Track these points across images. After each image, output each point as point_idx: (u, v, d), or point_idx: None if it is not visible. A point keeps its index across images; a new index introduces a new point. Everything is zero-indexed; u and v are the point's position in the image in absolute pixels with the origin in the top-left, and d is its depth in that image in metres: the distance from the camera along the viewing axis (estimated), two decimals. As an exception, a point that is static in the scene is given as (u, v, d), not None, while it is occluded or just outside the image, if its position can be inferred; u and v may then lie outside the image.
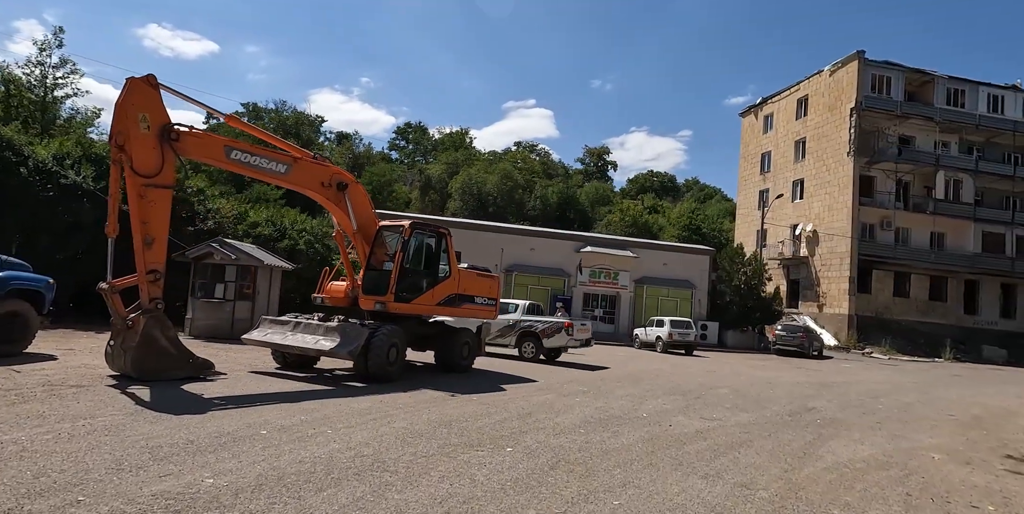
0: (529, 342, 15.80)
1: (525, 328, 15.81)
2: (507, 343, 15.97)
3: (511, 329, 15.86)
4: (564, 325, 15.81)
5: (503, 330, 15.81)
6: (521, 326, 15.84)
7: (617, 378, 13.58)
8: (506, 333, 15.87)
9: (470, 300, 12.06)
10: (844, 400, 13.04)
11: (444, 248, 11.47)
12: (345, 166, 62.01)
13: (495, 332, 15.68)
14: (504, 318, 15.62)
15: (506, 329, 15.84)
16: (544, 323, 15.94)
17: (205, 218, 18.42)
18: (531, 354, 15.77)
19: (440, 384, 10.33)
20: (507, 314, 15.90)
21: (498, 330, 15.72)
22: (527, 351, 15.80)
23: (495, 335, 15.73)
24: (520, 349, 15.86)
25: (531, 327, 15.79)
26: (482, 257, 28.77)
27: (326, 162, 10.53)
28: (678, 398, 11.16)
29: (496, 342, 15.93)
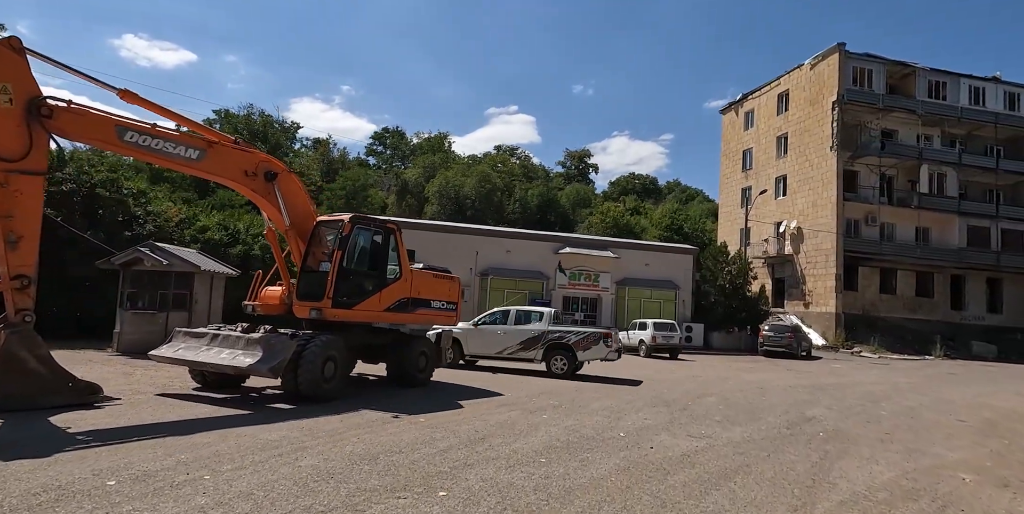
0: (560, 356, 13.91)
1: (554, 339, 13.87)
2: (532, 357, 14.05)
3: (537, 341, 13.94)
4: (603, 335, 13.96)
5: (526, 342, 13.96)
6: (550, 337, 13.90)
7: (594, 388, 12.27)
8: (530, 346, 13.96)
9: (425, 304, 10.70)
10: (843, 406, 11.85)
11: (393, 246, 10.10)
12: (319, 172, 60.43)
13: (515, 345, 13.99)
14: (528, 329, 14.14)
15: (530, 341, 13.97)
16: (579, 333, 14.01)
17: (144, 222, 16.84)
18: (562, 369, 13.86)
19: (387, 402, 8.94)
20: (531, 324, 14.28)
21: (519, 343, 13.98)
22: (557, 366, 13.91)
23: (515, 348, 13.99)
24: (548, 364, 14.00)
25: (562, 338, 13.88)
26: (456, 260, 27.37)
27: (251, 148, 9.13)
28: (661, 410, 9.86)
29: (517, 356, 14.13)
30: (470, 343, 14.41)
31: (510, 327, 14.33)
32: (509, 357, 14.21)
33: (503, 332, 14.27)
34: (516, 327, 14.30)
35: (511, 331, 14.27)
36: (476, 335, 14.44)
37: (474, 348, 14.44)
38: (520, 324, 14.37)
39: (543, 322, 14.32)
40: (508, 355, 14.14)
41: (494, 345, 14.23)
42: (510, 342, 14.15)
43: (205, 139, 8.45)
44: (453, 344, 14.17)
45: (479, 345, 14.39)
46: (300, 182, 9.83)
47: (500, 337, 14.25)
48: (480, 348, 14.42)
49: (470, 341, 14.41)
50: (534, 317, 14.60)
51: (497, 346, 14.20)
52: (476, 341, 14.40)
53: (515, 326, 14.32)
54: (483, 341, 14.37)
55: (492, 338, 14.30)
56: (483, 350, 14.39)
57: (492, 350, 14.23)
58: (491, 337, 14.32)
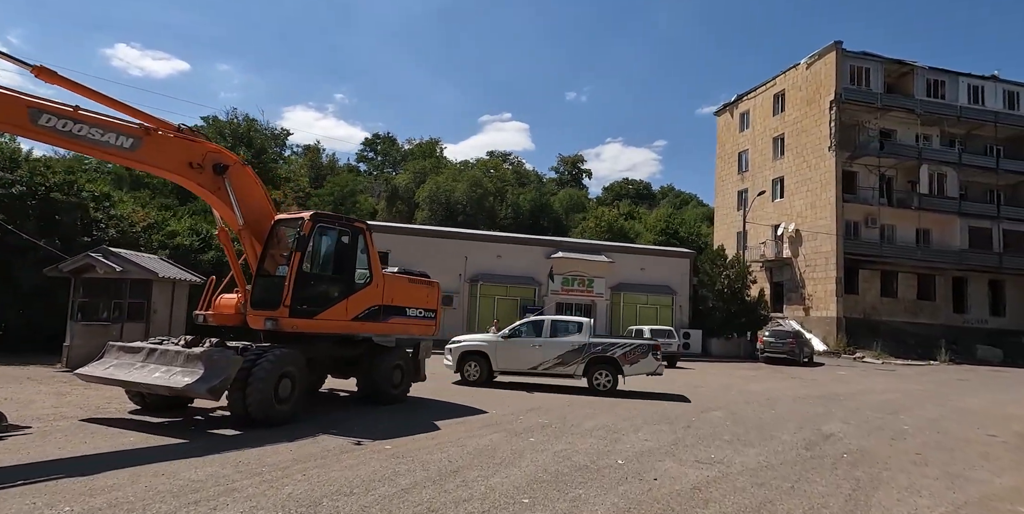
0: (604, 370, 12.68)
1: (597, 353, 12.64)
2: (571, 372, 12.68)
3: (577, 354, 12.61)
4: (651, 347, 12.85)
5: (565, 356, 12.62)
6: (592, 350, 12.63)
7: (588, 403, 11.21)
8: (570, 360, 12.61)
9: (400, 312, 9.63)
10: (860, 419, 10.84)
11: (363, 247, 9.05)
12: (308, 178, 59.31)
13: (552, 359, 12.62)
14: (566, 341, 12.79)
15: (570, 355, 12.61)
16: (624, 345, 12.82)
17: (106, 227, 15.72)
18: (607, 386, 12.61)
19: (352, 425, 7.85)
20: (568, 335, 12.92)
21: (557, 357, 12.62)
22: (601, 382, 12.66)
23: (552, 363, 12.63)
24: (591, 379, 12.74)
25: (606, 351, 12.68)
26: (444, 266, 26.31)
27: (198, 137, 8.07)
28: (663, 429, 8.82)
29: (554, 372, 12.77)
30: (500, 358, 12.88)
31: (546, 339, 12.87)
32: (545, 373, 12.79)
33: (538, 345, 12.79)
34: (553, 339, 12.85)
35: (548, 344, 12.78)
36: (507, 349, 12.91)
37: (504, 363, 12.92)
38: (557, 336, 12.95)
39: (583, 333, 12.90)
40: (544, 371, 12.73)
41: (528, 360, 12.77)
42: (547, 356, 12.67)
43: (141, 125, 7.40)
44: (480, 359, 12.97)
45: (510, 360, 12.89)
46: (255, 176, 8.78)
47: (535, 351, 12.76)
48: (511, 363, 12.91)
49: (500, 356, 12.89)
50: (572, 328, 13.17)
51: (531, 361, 12.74)
52: (507, 356, 12.89)
53: (552, 338, 12.89)
54: (515, 355, 12.87)
55: (525, 352, 12.82)
56: (515, 365, 12.89)
57: (526, 365, 12.79)
58: (524, 351, 12.83)
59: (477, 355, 13.02)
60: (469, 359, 13.05)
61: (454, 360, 13.15)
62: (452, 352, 13.27)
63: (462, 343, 13.36)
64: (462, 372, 13.05)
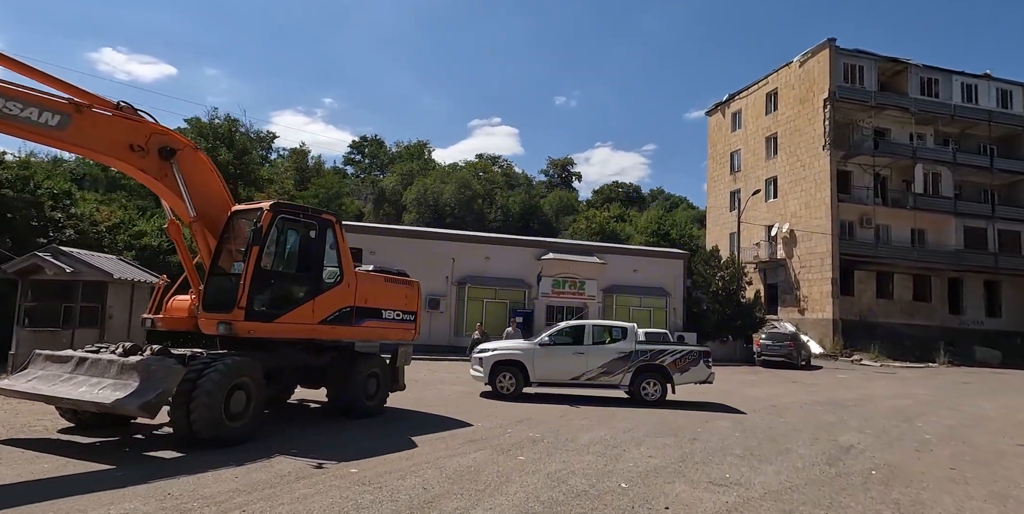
0: (652, 380, 11.76)
1: (645, 360, 11.70)
2: (616, 382, 11.73)
3: (624, 362, 11.65)
4: (702, 353, 12.01)
5: (610, 365, 11.62)
6: (639, 358, 11.69)
7: (583, 413, 10.31)
8: (615, 369, 11.65)
9: (375, 315, 8.69)
10: (877, 428, 10.03)
11: (332, 242, 8.12)
12: (293, 180, 58.15)
13: (596, 368, 11.59)
14: (611, 348, 11.82)
15: (616, 363, 11.65)
16: (675, 352, 11.89)
17: (63, 226, 14.66)
18: (656, 396, 11.67)
19: (316, 443, 6.91)
20: (615, 342, 11.96)
21: (602, 365, 11.61)
22: (650, 392, 11.71)
23: (596, 372, 11.61)
24: (639, 389, 11.73)
25: (655, 358, 11.74)
26: (431, 268, 25.34)
27: (140, 117, 7.12)
28: (667, 443, 7.94)
29: (598, 382, 11.76)
30: (538, 367, 11.69)
31: (589, 346, 11.85)
32: (588, 383, 11.77)
33: (580, 353, 11.74)
34: (597, 346, 11.85)
35: (592, 351, 11.74)
36: (545, 357, 11.73)
37: (543, 373, 11.74)
38: (601, 342, 11.98)
39: (628, 340, 11.93)
40: (587, 381, 11.71)
41: (569, 369, 11.70)
42: (590, 365, 11.63)
43: (71, 101, 6.45)
44: (514, 369, 11.68)
45: (549, 370, 11.75)
46: (210, 162, 7.83)
47: (576, 359, 11.70)
48: (551, 373, 11.77)
49: (537, 365, 11.69)
50: (616, 333, 12.15)
51: (573, 371, 11.68)
52: (545, 365, 11.73)
53: (595, 345, 11.88)
54: (555, 365, 11.76)
55: (566, 361, 11.74)
56: (555, 376, 11.80)
57: (567, 376, 11.72)
58: (565, 360, 11.74)
59: (512, 365, 11.68)
60: (503, 369, 11.67)
61: (485, 371, 11.68)
62: (483, 362, 11.81)
63: (494, 351, 11.96)
64: (494, 384, 11.65)
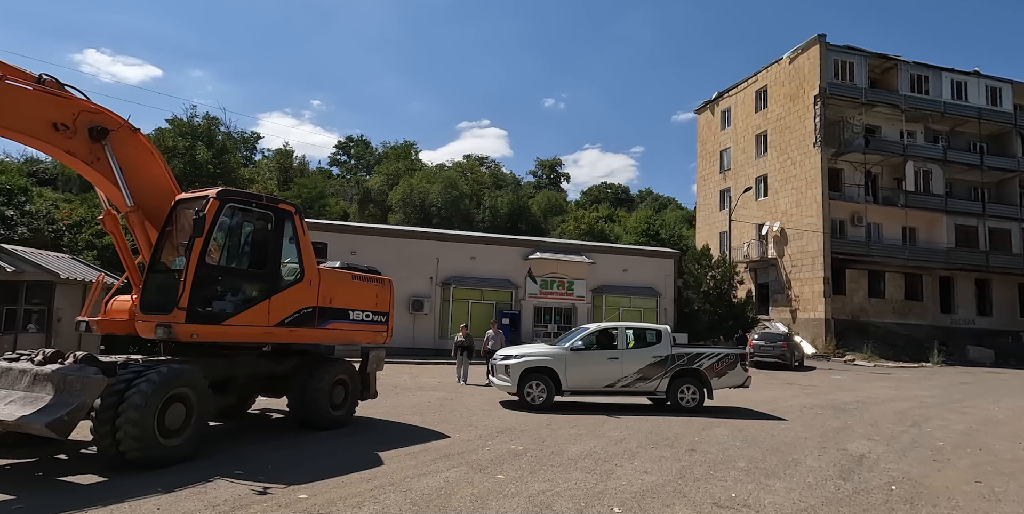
0: (690, 385, 11.10)
1: (682, 365, 11.08)
2: (652, 389, 11.04)
3: (660, 367, 10.99)
4: (739, 356, 11.50)
5: (646, 370, 10.96)
6: (676, 362, 11.06)
7: (571, 422, 9.56)
8: (651, 374, 10.97)
9: (340, 316, 7.88)
10: (886, 435, 9.36)
11: (291, 236, 7.30)
12: (276, 180, 57.02)
13: (632, 374, 10.89)
14: (646, 352, 11.10)
15: (652, 368, 10.98)
16: (712, 356, 11.28)
17: (15, 224, 13.69)
18: (693, 402, 11.05)
19: (268, 461, 6.08)
20: (650, 346, 11.23)
21: (637, 371, 10.93)
22: (686, 398, 11.05)
23: (632, 378, 10.90)
24: (676, 396, 11.05)
25: (692, 363, 11.12)
26: (415, 268, 24.47)
27: (67, 92, 6.27)
28: (663, 455, 7.20)
29: (634, 389, 11.05)
30: (570, 374, 10.79)
31: (623, 351, 11.11)
32: (623, 391, 11.03)
33: (615, 358, 11.00)
34: (633, 351, 11.14)
35: (627, 356, 11.01)
36: (577, 363, 10.87)
37: (576, 381, 10.85)
38: (635, 346, 11.23)
39: (663, 343, 11.24)
40: (622, 388, 10.95)
41: (603, 376, 10.92)
42: (626, 371, 10.89)
43: (-20, 71, 5.61)
44: (544, 377, 10.72)
45: (583, 377, 10.88)
46: (150, 145, 7.00)
47: (611, 365, 10.93)
48: (584, 380, 10.90)
49: (570, 372, 10.79)
50: (650, 336, 11.43)
51: (608, 377, 10.91)
52: (578, 372, 10.86)
53: (629, 349, 11.16)
54: (588, 371, 10.91)
55: (600, 367, 10.95)
56: (588, 383, 10.93)
57: (601, 383, 10.93)
58: (599, 366, 10.96)
59: (541, 372, 10.74)
60: (532, 378, 10.71)
61: (514, 379, 10.67)
62: (510, 369, 10.73)
63: (523, 358, 10.87)
64: (522, 394, 10.68)
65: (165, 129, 45.17)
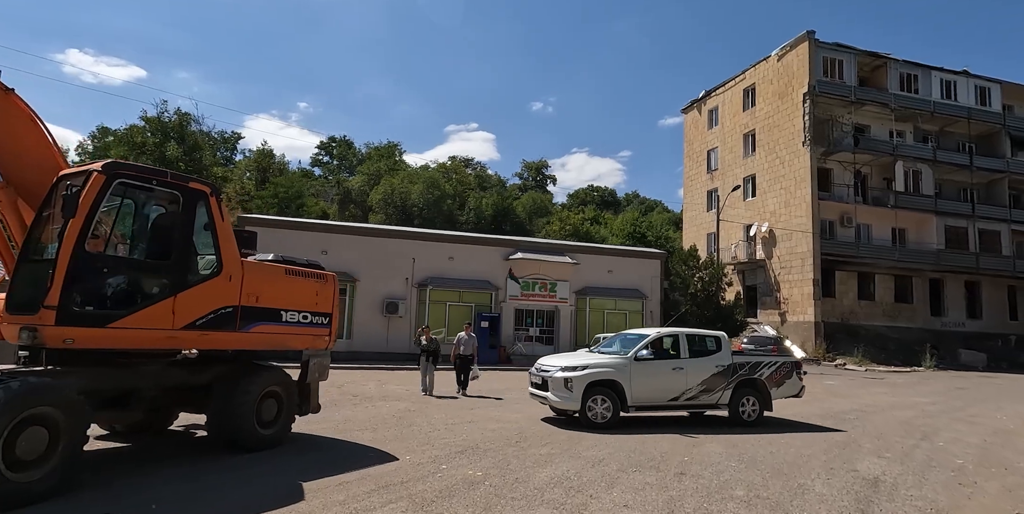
0: (750, 396, 10.17)
1: (744, 375, 10.14)
2: (715, 401, 10.01)
3: (723, 378, 9.99)
4: (795, 364, 10.75)
5: (710, 381, 9.88)
6: (739, 372, 10.12)
7: (544, 435, 8.43)
8: (715, 385, 9.93)
9: (270, 317, 6.69)
10: (896, 451, 8.34)
11: (205, 221, 6.12)
12: (255, 179, 55.42)
13: (696, 386, 9.80)
14: (708, 361, 10.06)
15: (715, 379, 9.95)
16: (770, 364, 10.45)
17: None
18: (753, 415, 10.15)
19: (153, 496, 4.89)
20: (711, 354, 10.17)
21: (701, 382, 9.84)
22: (747, 411, 10.12)
23: (696, 391, 9.82)
24: (738, 408, 10.09)
25: (753, 372, 10.24)
26: (389, 269, 23.18)
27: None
28: (648, 480, 6.10)
29: (698, 402, 9.98)
30: (635, 387, 9.48)
31: (687, 360, 9.98)
32: (686, 404, 9.96)
33: (680, 368, 9.86)
34: (696, 360, 10.05)
35: (690, 366, 9.90)
36: (642, 375, 9.56)
37: (641, 394, 9.54)
38: (696, 356, 10.13)
39: (724, 351, 10.27)
40: (686, 401, 9.87)
41: (668, 388, 9.76)
42: (690, 383, 9.80)
43: None
44: (606, 390, 9.35)
45: (648, 389, 9.61)
46: (30, 111, 5.80)
47: (675, 376, 9.78)
48: (649, 394, 9.64)
49: (635, 384, 9.47)
50: (710, 343, 10.38)
51: (673, 390, 9.77)
52: (643, 384, 9.56)
53: (692, 358, 10.06)
54: (653, 383, 9.65)
55: (666, 378, 9.75)
56: (653, 396, 9.69)
57: (666, 395, 9.76)
58: (665, 377, 9.75)
59: (604, 385, 9.38)
60: (594, 392, 9.30)
61: (577, 394, 9.16)
62: (573, 383, 9.19)
63: (585, 370, 9.38)
64: (585, 410, 9.23)
65: (135, 125, 43.69)
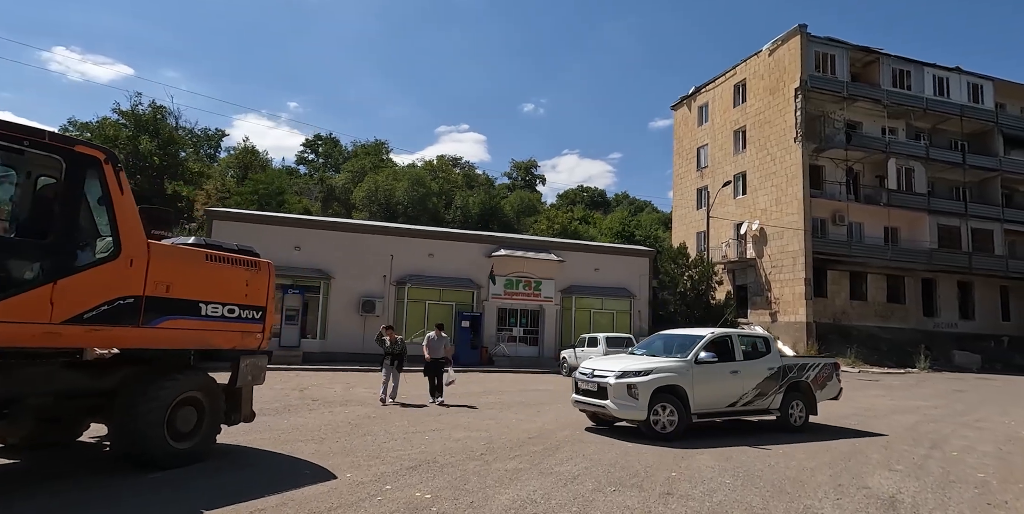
0: (797, 400, 9.70)
1: (794, 378, 9.66)
2: (766, 406, 9.41)
3: (774, 381, 9.43)
4: (834, 365, 10.53)
5: (763, 385, 9.30)
6: (789, 375, 9.62)
7: (514, 446, 7.47)
8: (768, 389, 9.36)
9: (184, 310, 5.67)
10: (908, 462, 7.45)
11: (100, 195, 5.11)
12: (237, 176, 54.05)
13: (752, 391, 9.18)
14: (760, 365, 9.45)
15: (768, 382, 9.36)
16: (814, 366, 10.07)
17: None
18: (800, 420, 9.69)
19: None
20: (761, 357, 9.60)
21: (755, 386, 9.23)
22: (795, 415, 9.65)
23: (752, 395, 9.19)
24: (787, 413, 9.57)
25: (800, 374, 9.79)
26: (367, 266, 22.07)
27: None
28: (630, 503, 5.15)
29: (753, 408, 9.33)
30: (697, 393, 8.70)
31: (742, 363, 9.31)
32: (742, 410, 9.29)
33: (736, 372, 9.17)
34: (749, 363, 9.40)
35: (745, 369, 9.26)
36: (703, 380, 8.81)
37: (702, 400, 8.77)
38: (748, 358, 9.49)
39: (773, 353, 9.74)
40: (742, 407, 9.23)
41: (727, 393, 9.10)
42: (746, 387, 9.19)
43: None
44: (670, 396, 8.49)
45: (708, 395, 8.87)
46: None
47: (732, 380, 9.12)
48: (709, 400, 8.89)
49: (697, 390, 8.70)
50: (760, 345, 9.85)
51: (730, 394, 9.11)
52: (704, 389, 8.80)
53: (746, 361, 9.40)
54: (713, 388, 8.95)
55: (724, 382, 9.08)
56: (713, 403, 8.95)
57: (724, 402, 9.08)
58: (723, 381, 9.06)
59: (668, 392, 8.52)
60: (660, 399, 8.42)
61: (643, 402, 8.25)
62: (638, 390, 8.26)
63: (649, 375, 8.44)
64: (650, 421, 8.32)
65: (107, 118, 42.29)
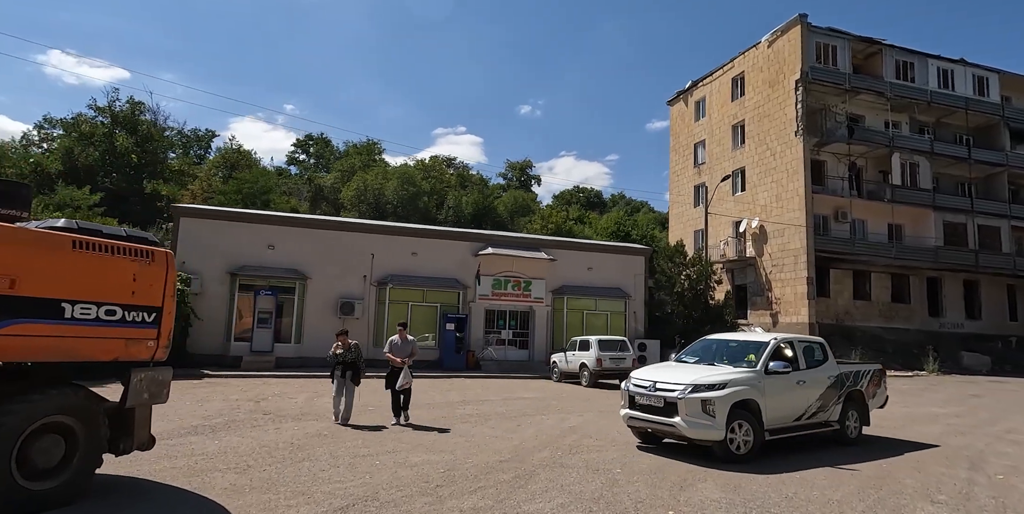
0: (852, 410, 9.13)
1: (851, 386, 9.14)
2: (826, 418, 8.73)
3: (835, 390, 8.81)
4: (881, 371, 10.15)
5: (825, 395, 8.63)
6: (847, 383, 9.07)
7: (479, 474, 6.21)
8: (828, 399, 8.71)
9: (43, 312, 4.41)
10: (948, 490, 6.25)
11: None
12: (224, 176, 52.74)
13: (815, 402, 8.51)
14: (821, 374, 8.76)
15: (829, 392, 8.72)
16: (865, 374, 9.58)
17: None
18: (855, 431, 9.16)
19: None
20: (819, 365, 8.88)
21: (819, 397, 8.55)
22: (850, 427, 9.08)
23: (815, 407, 8.52)
24: (843, 424, 8.95)
25: (856, 383, 9.27)
26: (346, 266, 20.70)
27: None
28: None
29: (815, 421, 8.57)
30: (769, 407, 7.82)
31: (806, 372, 8.56)
32: (805, 424, 8.47)
33: (802, 382, 8.41)
34: (811, 371, 8.65)
35: (809, 379, 8.53)
36: (773, 392, 7.95)
37: (772, 415, 7.88)
38: (809, 367, 8.72)
39: (830, 360, 9.08)
40: (806, 421, 8.48)
41: (794, 406, 8.31)
42: (810, 399, 8.49)
43: None
44: (744, 412, 7.56)
45: (777, 409, 8.01)
46: None
47: (798, 391, 8.35)
48: (778, 414, 8.03)
49: (768, 404, 7.82)
50: (817, 352, 9.08)
51: (797, 407, 8.35)
52: (774, 402, 7.93)
53: (809, 370, 8.64)
54: (782, 401, 8.10)
55: (791, 395, 8.27)
56: (781, 417, 8.10)
57: (791, 416, 8.27)
58: (790, 393, 8.25)
59: (743, 408, 7.58)
60: (735, 416, 7.44)
61: (721, 420, 7.27)
62: (715, 406, 7.29)
63: (724, 389, 7.44)
64: (727, 441, 7.33)
65: (82, 114, 40.97)
